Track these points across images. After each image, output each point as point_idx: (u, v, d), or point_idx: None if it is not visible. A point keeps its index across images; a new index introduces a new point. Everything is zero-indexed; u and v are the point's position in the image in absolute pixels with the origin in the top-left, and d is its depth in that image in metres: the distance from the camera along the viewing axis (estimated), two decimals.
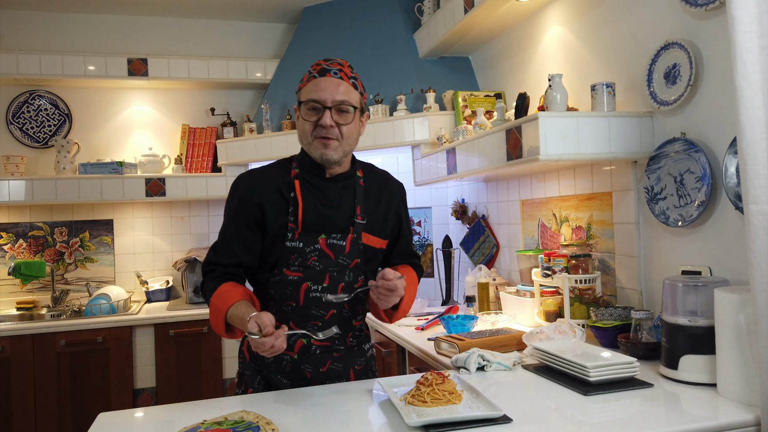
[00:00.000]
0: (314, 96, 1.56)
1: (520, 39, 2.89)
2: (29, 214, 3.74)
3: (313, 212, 1.62)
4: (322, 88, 1.55)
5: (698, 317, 1.55)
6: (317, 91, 1.56)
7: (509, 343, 2.01)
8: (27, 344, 3.11)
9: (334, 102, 1.56)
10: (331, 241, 1.61)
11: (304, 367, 1.64)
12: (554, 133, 1.90)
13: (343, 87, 1.57)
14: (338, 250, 1.62)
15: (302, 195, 1.62)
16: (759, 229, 1.30)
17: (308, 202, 1.62)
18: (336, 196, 1.65)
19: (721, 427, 1.30)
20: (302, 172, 1.65)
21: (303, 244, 1.59)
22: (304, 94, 1.60)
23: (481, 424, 1.29)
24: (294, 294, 1.61)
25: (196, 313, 3.36)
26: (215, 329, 1.60)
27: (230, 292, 1.57)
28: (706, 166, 1.75)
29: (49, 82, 3.73)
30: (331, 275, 1.62)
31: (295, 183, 1.63)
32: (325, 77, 1.57)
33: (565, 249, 2.32)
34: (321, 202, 1.63)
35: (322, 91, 1.55)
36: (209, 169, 3.89)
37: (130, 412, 1.57)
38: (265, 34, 4.15)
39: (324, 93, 1.55)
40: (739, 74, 1.32)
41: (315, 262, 1.60)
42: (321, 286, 1.61)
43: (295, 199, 1.62)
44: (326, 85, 1.56)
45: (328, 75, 1.57)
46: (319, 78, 1.57)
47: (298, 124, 1.64)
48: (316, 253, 1.60)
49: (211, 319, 1.60)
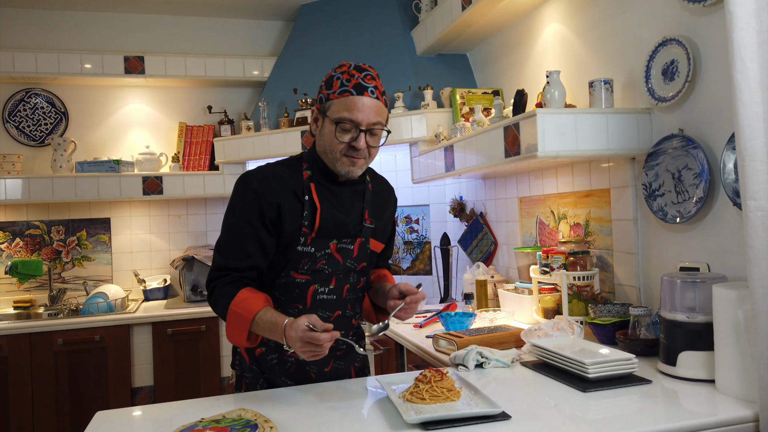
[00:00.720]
0: (351, 117, 1.49)
1: (518, 36, 2.88)
2: (26, 212, 3.73)
3: (330, 218, 1.58)
4: (359, 109, 1.48)
5: (696, 313, 1.55)
6: (354, 112, 1.48)
7: (507, 340, 2.01)
8: (24, 343, 3.11)
9: (370, 125, 1.50)
10: (341, 246, 1.61)
11: (309, 368, 1.65)
12: (552, 129, 1.90)
13: (379, 108, 1.52)
14: (347, 254, 1.62)
15: (319, 199, 1.57)
16: (757, 225, 1.30)
17: (325, 207, 1.58)
18: (348, 201, 1.63)
19: (719, 423, 1.30)
20: (315, 175, 1.60)
21: (315, 249, 1.57)
22: (336, 109, 1.50)
23: (480, 421, 1.29)
24: (301, 297, 1.60)
25: (194, 311, 3.35)
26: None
27: (253, 299, 1.49)
28: (704, 163, 1.75)
29: (45, 80, 3.71)
30: (338, 278, 1.62)
31: (310, 186, 1.58)
32: (362, 97, 1.49)
33: (563, 246, 2.32)
34: (335, 207, 1.60)
35: (360, 112, 1.48)
36: (206, 168, 3.88)
37: (128, 411, 1.57)
38: (262, 31, 4.14)
39: (361, 115, 1.49)
40: (737, 70, 1.32)
41: (324, 265, 1.60)
42: (327, 288, 1.61)
43: (312, 204, 1.56)
44: (364, 107, 1.49)
45: (366, 94, 1.50)
46: (356, 97, 1.49)
47: (324, 135, 1.54)
48: (325, 257, 1.59)
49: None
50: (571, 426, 1.29)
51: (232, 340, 1.52)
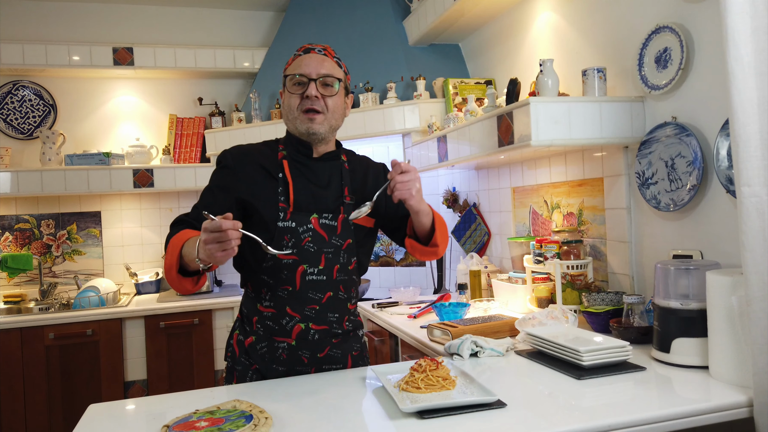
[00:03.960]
0: (299, 70, 1.60)
1: (511, 25, 2.87)
2: (15, 206, 3.68)
3: (305, 191, 1.63)
4: (306, 63, 1.61)
5: (690, 300, 1.55)
6: (302, 66, 1.61)
7: (502, 329, 2.01)
8: (15, 338, 3.08)
9: (319, 74, 1.60)
10: (323, 221, 1.61)
11: (302, 353, 1.63)
12: (546, 118, 1.89)
13: (328, 63, 1.63)
14: (331, 231, 1.61)
15: (291, 175, 1.63)
16: (751, 211, 1.30)
17: (298, 181, 1.63)
18: (324, 174, 1.67)
19: (713, 408, 1.31)
20: (290, 153, 1.67)
21: (296, 223, 1.58)
22: (289, 71, 1.64)
23: (476, 409, 1.29)
24: (290, 278, 1.59)
25: (187, 304, 3.34)
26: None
27: (189, 232, 1.48)
28: (698, 150, 1.75)
29: (32, 72, 3.66)
30: (327, 257, 1.61)
31: (283, 163, 1.64)
32: (309, 54, 1.63)
33: (557, 235, 2.32)
34: (311, 181, 1.64)
35: (307, 65, 1.60)
36: (198, 160, 3.85)
37: (121, 404, 1.55)
38: (253, 22, 4.10)
39: (309, 67, 1.60)
40: (731, 56, 1.31)
41: (309, 243, 1.59)
42: (317, 269, 1.60)
43: (285, 179, 1.62)
44: (311, 61, 1.61)
45: (312, 52, 1.63)
46: (304, 55, 1.63)
47: (283, 102, 1.66)
48: (309, 233, 1.59)
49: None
50: (566, 413, 1.29)
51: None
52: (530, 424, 1.23)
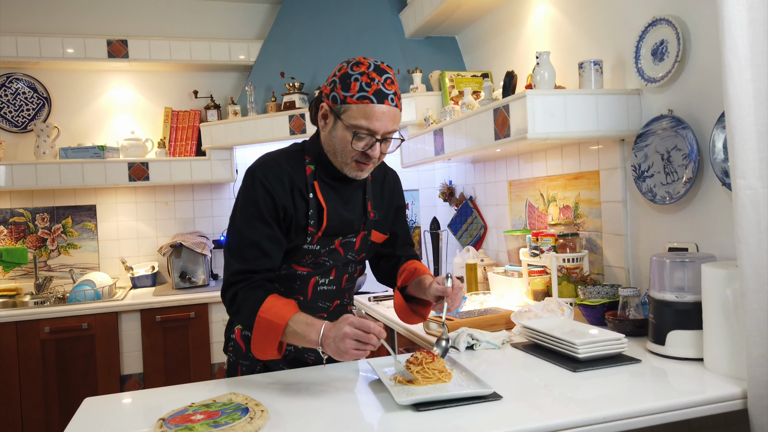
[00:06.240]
0: (369, 126, 1.41)
1: (507, 18, 2.86)
2: (9, 200, 3.67)
3: (336, 217, 1.55)
4: (378, 119, 1.41)
5: (685, 293, 1.56)
6: (373, 121, 1.41)
7: (498, 322, 2.01)
8: (10, 332, 3.07)
9: (386, 134, 1.45)
10: (345, 240, 1.61)
11: (307, 355, 1.66)
12: (542, 111, 1.89)
13: (396, 116, 1.45)
14: (349, 248, 1.62)
15: (324, 198, 1.53)
16: (746, 204, 1.30)
17: (331, 206, 1.54)
18: (351, 196, 1.60)
19: (708, 400, 1.31)
20: (319, 172, 1.55)
21: (320, 246, 1.56)
22: (353, 115, 1.42)
23: (472, 401, 1.29)
24: (302, 288, 1.61)
25: (183, 298, 3.33)
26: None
27: (283, 306, 1.41)
28: (694, 143, 1.75)
29: (26, 65, 3.64)
30: (337, 269, 1.63)
31: (314, 185, 1.53)
32: (383, 105, 1.42)
33: (553, 228, 2.32)
34: (339, 204, 1.56)
35: (378, 121, 1.41)
36: (193, 153, 3.84)
37: (117, 397, 1.55)
38: (248, 14, 4.07)
39: (379, 124, 1.42)
40: (727, 48, 1.31)
41: (325, 259, 1.60)
42: (328, 279, 1.62)
43: (317, 203, 1.53)
44: (384, 117, 1.42)
45: (386, 103, 1.42)
46: (376, 105, 1.41)
47: (336, 138, 1.47)
48: (328, 252, 1.59)
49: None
50: (561, 405, 1.30)
51: (258, 351, 1.41)
52: (526, 416, 1.23)
